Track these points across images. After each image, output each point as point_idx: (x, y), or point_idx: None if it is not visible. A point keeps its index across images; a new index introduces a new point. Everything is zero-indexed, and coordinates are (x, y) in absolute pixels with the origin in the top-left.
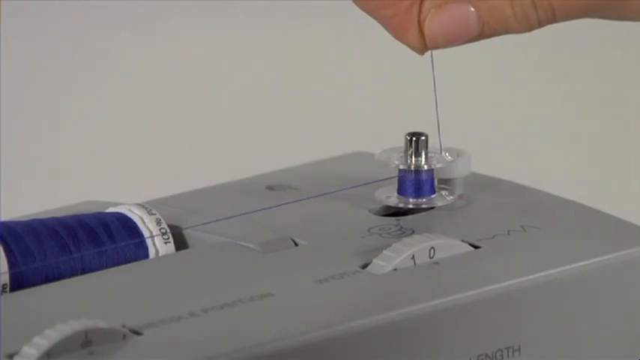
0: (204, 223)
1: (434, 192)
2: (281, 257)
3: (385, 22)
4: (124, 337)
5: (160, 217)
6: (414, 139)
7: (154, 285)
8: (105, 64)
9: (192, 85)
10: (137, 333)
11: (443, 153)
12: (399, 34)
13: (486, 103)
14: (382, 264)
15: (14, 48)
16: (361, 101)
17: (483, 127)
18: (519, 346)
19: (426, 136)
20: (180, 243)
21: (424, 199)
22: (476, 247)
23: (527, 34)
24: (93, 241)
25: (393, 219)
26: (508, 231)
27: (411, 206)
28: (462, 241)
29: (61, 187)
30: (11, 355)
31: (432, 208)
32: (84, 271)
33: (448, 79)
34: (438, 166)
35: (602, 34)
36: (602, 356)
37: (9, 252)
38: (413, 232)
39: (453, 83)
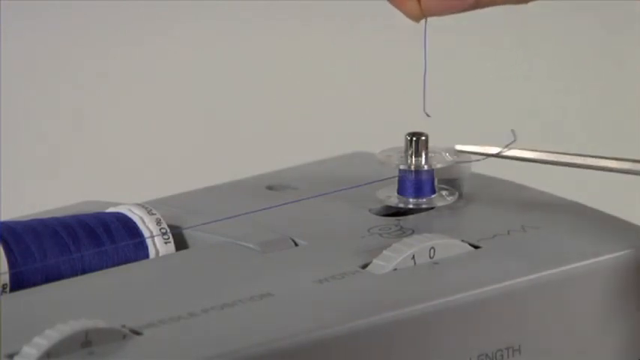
0: (204, 223)
1: (434, 192)
2: (281, 257)
3: None
4: (124, 337)
5: (159, 217)
6: (414, 139)
7: (154, 285)
8: (105, 64)
9: (193, 85)
10: (137, 333)
11: (443, 153)
12: (396, 1)
13: (486, 102)
14: (382, 264)
15: (14, 48)
16: (361, 101)
17: (483, 127)
18: (519, 346)
19: (426, 136)
20: (181, 243)
21: (424, 199)
22: (476, 247)
23: (525, 33)
24: (93, 241)
25: (393, 219)
26: (508, 231)
27: (411, 206)
28: (462, 241)
29: (61, 187)
30: (11, 355)
31: (432, 208)
32: (84, 271)
33: (448, 79)
34: (438, 166)
35: (603, 32)
36: (602, 356)
37: (9, 252)
38: (413, 232)
39: (453, 83)
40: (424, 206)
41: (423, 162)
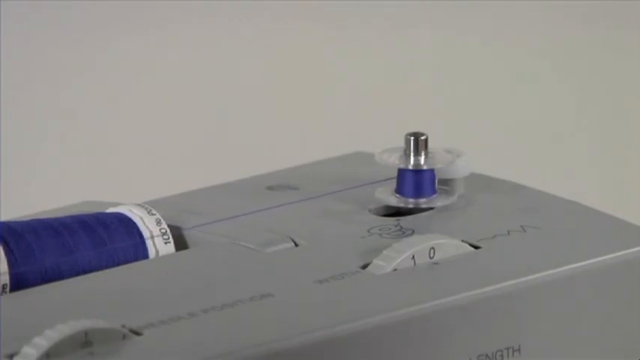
0: (204, 224)
1: (434, 192)
2: (281, 257)
3: None
4: (124, 337)
5: (159, 217)
6: (413, 139)
7: (154, 285)
8: (104, 64)
9: (192, 85)
10: (137, 333)
11: (443, 153)
12: None
13: (486, 103)
14: (382, 264)
15: (14, 47)
16: (361, 101)
17: (483, 127)
18: (519, 346)
19: (426, 136)
20: (181, 243)
21: (424, 199)
22: (476, 247)
23: (526, 34)
24: (93, 241)
25: (393, 219)
26: (508, 231)
27: (411, 206)
28: (462, 241)
29: (61, 187)
30: (11, 355)
31: (432, 208)
32: (84, 271)
33: (449, 79)
34: (438, 166)
35: (603, 33)
36: (601, 356)
37: (9, 252)
38: (413, 232)
39: (453, 83)
40: (424, 206)
41: (423, 162)
